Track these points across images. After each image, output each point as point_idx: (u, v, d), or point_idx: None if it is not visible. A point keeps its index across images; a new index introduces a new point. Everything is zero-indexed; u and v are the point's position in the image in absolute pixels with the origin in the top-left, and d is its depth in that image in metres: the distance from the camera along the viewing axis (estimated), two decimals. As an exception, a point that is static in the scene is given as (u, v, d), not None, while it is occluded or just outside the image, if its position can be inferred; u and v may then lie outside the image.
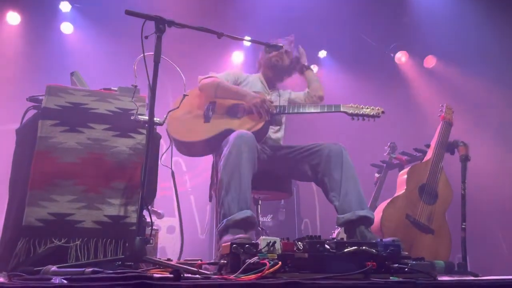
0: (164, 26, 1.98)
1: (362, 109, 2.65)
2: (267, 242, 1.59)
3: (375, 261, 1.64)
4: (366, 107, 2.66)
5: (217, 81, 2.79)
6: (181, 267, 1.64)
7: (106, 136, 2.10)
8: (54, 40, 5.00)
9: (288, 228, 4.53)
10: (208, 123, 2.69)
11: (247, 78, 2.99)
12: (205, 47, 4.73)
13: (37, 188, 1.94)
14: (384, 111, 2.66)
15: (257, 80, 3.00)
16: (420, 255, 2.07)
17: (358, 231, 2.32)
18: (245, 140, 2.36)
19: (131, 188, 2.06)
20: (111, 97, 2.21)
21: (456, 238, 2.85)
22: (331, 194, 2.47)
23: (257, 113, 2.63)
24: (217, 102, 2.77)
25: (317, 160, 2.54)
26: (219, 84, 2.78)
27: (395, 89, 5.48)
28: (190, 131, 2.67)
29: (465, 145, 2.94)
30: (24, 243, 1.86)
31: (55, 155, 2.00)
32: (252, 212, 2.22)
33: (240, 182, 2.25)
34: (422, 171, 3.03)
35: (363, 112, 2.64)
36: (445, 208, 3.01)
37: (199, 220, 5.33)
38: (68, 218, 1.94)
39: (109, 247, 1.95)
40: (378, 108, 2.67)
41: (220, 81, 2.80)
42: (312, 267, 1.59)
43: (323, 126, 5.16)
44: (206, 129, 2.66)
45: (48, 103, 2.08)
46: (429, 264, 1.87)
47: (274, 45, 2.73)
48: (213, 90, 2.78)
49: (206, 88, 2.81)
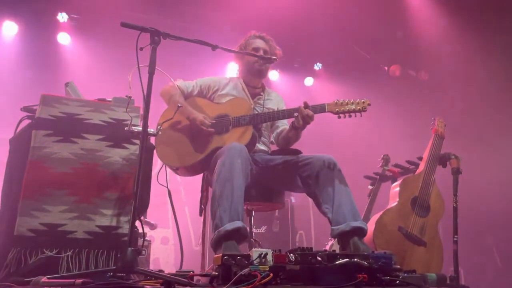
0: (159, 38, 2.00)
1: (347, 105, 2.51)
2: (259, 254, 1.59)
3: (367, 274, 1.64)
4: (351, 102, 2.51)
5: (171, 94, 2.78)
6: (172, 279, 1.63)
7: (99, 146, 2.11)
8: (51, 50, 5.02)
9: (282, 239, 4.52)
10: (196, 143, 2.65)
11: (228, 83, 2.91)
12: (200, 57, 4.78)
13: (29, 197, 1.94)
14: (370, 103, 2.50)
15: (238, 84, 2.92)
16: (412, 267, 2.08)
17: (352, 242, 2.32)
18: (237, 151, 2.36)
19: (124, 198, 2.07)
20: (105, 107, 2.22)
21: (449, 251, 2.86)
22: (324, 206, 2.47)
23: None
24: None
25: (308, 172, 2.54)
26: (171, 98, 2.77)
27: (388, 101, 5.53)
28: (179, 155, 2.64)
29: (457, 158, 2.97)
30: (15, 253, 1.85)
31: (48, 165, 2.00)
32: (243, 224, 2.22)
33: (232, 193, 2.25)
34: (415, 184, 3.05)
35: (349, 109, 2.50)
36: (437, 221, 3.02)
37: (193, 231, 5.31)
38: (60, 228, 1.94)
39: (101, 258, 1.94)
40: (364, 101, 2.51)
41: (172, 95, 2.76)
42: (303, 279, 1.60)
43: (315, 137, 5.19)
44: (195, 150, 2.63)
45: (42, 113, 2.09)
46: (421, 276, 1.87)
47: (268, 57, 2.75)
48: (166, 101, 2.80)
49: (162, 96, 2.83)
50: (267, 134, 2.93)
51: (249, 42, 2.91)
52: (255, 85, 2.96)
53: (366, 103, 2.50)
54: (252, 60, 2.85)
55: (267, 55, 2.82)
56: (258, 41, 2.90)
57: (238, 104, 2.75)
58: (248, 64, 2.89)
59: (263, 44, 2.89)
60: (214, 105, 2.81)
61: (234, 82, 2.93)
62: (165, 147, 2.67)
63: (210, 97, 2.89)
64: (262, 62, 2.83)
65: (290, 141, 2.79)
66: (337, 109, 2.53)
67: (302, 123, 2.53)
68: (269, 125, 2.94)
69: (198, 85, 2.90)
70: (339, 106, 2.53)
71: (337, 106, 2.53)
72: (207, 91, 2.89)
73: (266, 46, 2.89)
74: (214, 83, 2.92)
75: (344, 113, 2.52)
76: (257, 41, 2.90)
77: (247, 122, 2.64)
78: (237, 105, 2.74)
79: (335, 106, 2.53)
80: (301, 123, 2.53)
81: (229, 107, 2.74)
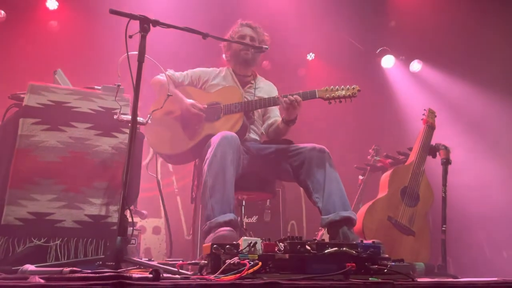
0: (149, 25, 1.98)
1: (338, 91, 2.55)
2: (248, 243, 1.59)
3: (355, 262, 1.65)
4: (341, 88, 2.56)
5: (161, 83, 2.78)
6: (161, 267, 1.63)
7: (88, 135, 2.09)
8: (39, 38, 4.93)
9: (273, 229, 4.53)
10: (188, 130, 2.66)
11: (218, 74, 2.92)
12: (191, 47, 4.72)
13: (17, 186, 1.92)
14: (360, 89, 2.55)
15: (228, 74, 2.93)
16: (401, 256, 2.09)
17: (341, 231, 2.34)
18: (229, 141, 2.36)
19: (113, 187, 2.05)
20: (94, 96, 2.20)
21: (438, 240, 2.89)
22: (315, 196, 2.48)
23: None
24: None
25: (299, 162, 2.55)
26: (162, 87, 2.77)
27: (381, 93, 5.53)
28: (171, 143, 2.65)
29: (446, 149, 2.99)
30: (3, 242, 1.84)
31: (35, 154, 1.98)
32: (235, 216, 2.23)
33: (224, 185, 2.26)
34: (404, 174, 3.07)
35: (339, 95, 2.55)
36: (426, 211, 3.05)
37: (185, 221, 5.30)
38: (48, 217, 1.92)
39: (90, 247, 1.93)
40: (354, 87, 2.56)
41: (163, 84, 2.75)
42: (292, 267, 1.60)
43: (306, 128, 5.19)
44: (187, 137, 2.63)
45: (29, 101, 2.06)
46: (409, 265, 1.89)
47: (259, 46, 2.74)
48: (157, 91, 2.80)
49: (153, 86, 2.84)
50: (258, 123, 2.92)
51: (235, 30, 2.90)
52: (245, 74, 2.95)
53: (356, 89, 2.55)
54: (238, 48, 2.84)
55: (254, 42, 2.82)
56: (245, 29, 2.89)
57: (229, 92, 2.74)
58: (235, 52, 2.89)
59: (249, 31, 2.88)
60: (205, 94, 2.80)
61: (224, 72, 2.93)
62: (155, 135, 2.67)
63: (201, 87, 2.88)
64: (249, 50, 2.82)
65: (280, 134, 2.80)
66: (327, 95, 2.56)
67: (289, 108, 2.54)
68: (261, 114, 2.94)
69: (189, 76, 2.90)
70: (329, 92, 2.56)
71: (327, 92, 2.57)
72: (197, 81, 2.89)
73: (253, 33, 2.88)
74: (205, 74, 2.92)
75: (334, 98, 2.56)
76: (244, 29, 2.89)
77: (238, 109, 2.64)
78: (228, 93, 2.74)
79: (325, 92, 2.57)
80: (289, 108, 2.53)
81: (220, 95, 2.74)
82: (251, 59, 2.89)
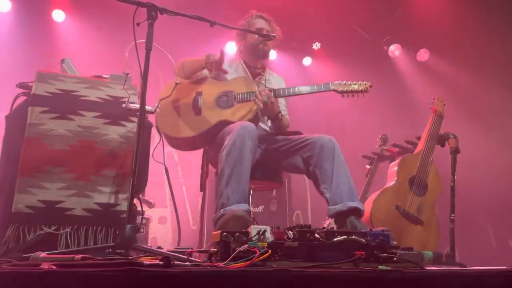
0: (156, 13, 1.96)
1: (351, 86, 2.66)
2: (258, 231, 1.59)
3: (364, 251, 1.65)
4: (354, 83, 2.66)
5: (181, 61, 2.78)
6: (171, 255, 1.64)
7: (96, 123, 2.09)
8: (45, 27, 4.93)
9: (279, 219, 4.55)
10: (200, 116, 2.66)
11: (230, 65, 2.90)
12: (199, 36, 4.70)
13: (27, 175, 1.93)
14: (371, 85, 2.67)
15: (239, 65, 2.93)
16: (409, 245, 2.10)
17: (348, 221, 2.34)
18: (249, 131, 2.37)
19: (122, 176, 2.06)
20: (102, 84, 2.19)
21: (445, 229, 2.88)
22: (322, 186, 2.48)
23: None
24: (203, 92, 2.74)
25: (310, 153, 2.55)
26: (184, 63, 2.77)
27: (388, 82, 5.49)
28: (182, 126, 2.64)
29: (456, 138, 2.96)
30: (13, 229, 1.85)
31: (45, 142, 1.98)
32: (249, 207, 2.28)
33: (241, 175, 2.27)
34: (413, 163, 3.05)
35: (352, 89, 2.65)
36: (434, 200, 3.04)
37: (191, 210, 5.33)
38: (58, 205, 1.93)
39: (99, 234, 1.95)
40: (366, 83, 2.67)
41: (183, 60, 2.78)
42: (302, 255, 1.60)
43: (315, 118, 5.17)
44: (198, 122, 2.63)
45: (38, 89, 2.06)
46: (418, 254, 1.89)
47: (267, 34, 2.72)
48: (181, 70, 2.78)
49: (177, 70, 2.81)
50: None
51: (251, 22, 2.88)
52: (256, 66, 2.95)
53: (367, 85, 2.65)
54: (256, 41, 2.83)
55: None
56: (261, 21, 2.89)
57: (242, 82, 2.77)
58: (252, 45, 2.88)
59: (265, 24, 2.89)
60: (218, 82, 2.80)
61: (235, 64, 2.92)
62: (166, 119, 2.68)
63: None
64: (267, 44, 2.84)
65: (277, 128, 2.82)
66: (341, 88, 2.65)
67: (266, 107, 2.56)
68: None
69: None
70: (343, 86, 2.65)
71: (340, 86, 2.65)
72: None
73: (268, 26, 2.88)
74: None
75: (347, 92, 2.65)
76: (259, 21, 2.88)
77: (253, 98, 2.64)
78: (242, 82, 2.76)
79: (338, 86, 2.65)
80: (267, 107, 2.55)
81: (233, 84, 2.75)
82: (268, 51, 2.91)
